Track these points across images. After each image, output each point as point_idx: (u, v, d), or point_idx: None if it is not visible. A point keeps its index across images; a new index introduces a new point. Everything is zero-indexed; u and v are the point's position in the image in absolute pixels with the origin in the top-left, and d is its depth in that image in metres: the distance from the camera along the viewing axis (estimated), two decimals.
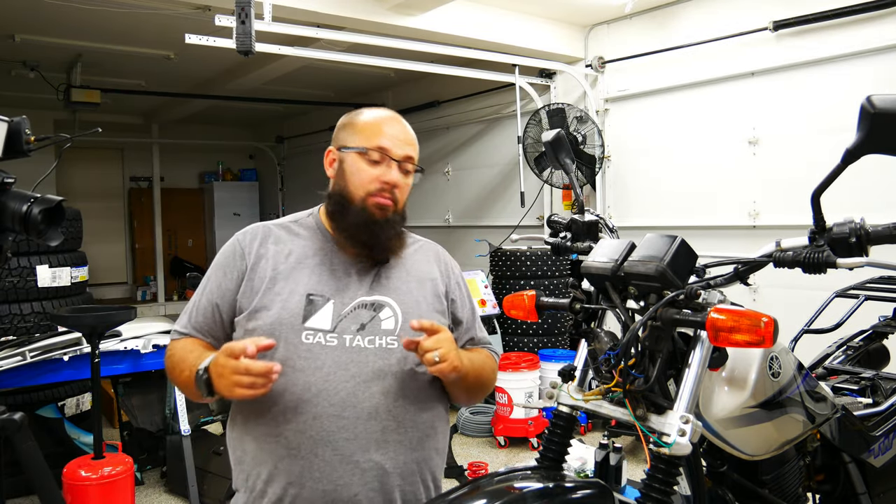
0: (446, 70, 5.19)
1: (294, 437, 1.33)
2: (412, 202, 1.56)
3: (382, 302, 1.43)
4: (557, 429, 1.41)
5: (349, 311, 1.40)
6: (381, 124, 1.47)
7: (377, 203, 1.42)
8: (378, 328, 1.40)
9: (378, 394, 1.35)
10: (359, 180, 1.43)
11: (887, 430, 1.83)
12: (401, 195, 1.46)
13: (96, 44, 5.64)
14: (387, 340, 1.39)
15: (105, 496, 2.86)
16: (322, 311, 1.38)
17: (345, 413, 1.33)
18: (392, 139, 1.45)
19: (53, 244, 1.60)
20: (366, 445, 1.33)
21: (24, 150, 1.59)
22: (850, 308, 2.56)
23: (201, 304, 1.47)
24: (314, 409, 1.32)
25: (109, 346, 3.28)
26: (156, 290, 9.89)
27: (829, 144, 3.96)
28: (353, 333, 1.38)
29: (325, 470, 1.32)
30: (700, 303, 1.21)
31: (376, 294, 1.44)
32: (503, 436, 4.34)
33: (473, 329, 1.59)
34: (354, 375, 1.35)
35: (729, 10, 4.55)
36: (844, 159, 1.12)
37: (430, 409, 1.46)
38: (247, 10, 3.38)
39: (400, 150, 1.45)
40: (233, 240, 1.51)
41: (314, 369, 1.34)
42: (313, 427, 1.32)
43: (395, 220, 1.45)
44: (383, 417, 1.35)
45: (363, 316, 1.40)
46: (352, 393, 1.34)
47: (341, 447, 1.32)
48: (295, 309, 1.38)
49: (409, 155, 1.47)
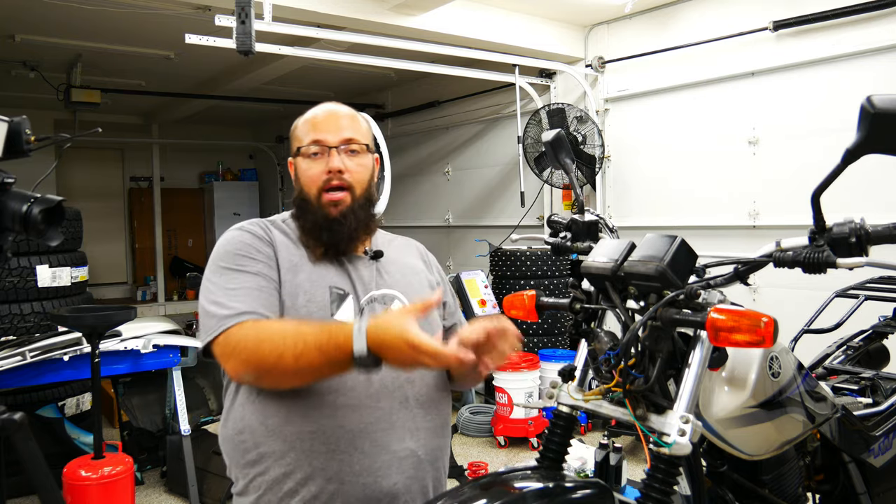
0: (446, 70, 5.19)
1: (333, 433, 1.30)
2: (412, 202, 1.57)
3: (392, 295, 1.45)
4: (557, 429, 1.41)
5: (364, 304, 1.41)
6: (312, 120, 1.47)
7: (330, 200, 1.41)
8: None
9: (405, 382, 1.38)
10: (308, 178, 1.43)
11: (887, 430, 1.83)
12: (355, 178, 1.43)
13: (96, 44, 5.64)
14: None
15: (105, 496, 2.86)
16: (345, 305, 1.39)
17: (380, 404, 1.34)
18: (324, 127, 1.44)
19: (53, 244, 1.60)
20: (401, 434, 1.35)
21: (24, 150, 1.59)
22: (850, 308, 2.56)
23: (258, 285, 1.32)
24: (353, 402, 1.32)
25: (109, 346, 3.28)
26: (156, 290, 9.89)
27: (830, 144, 3.96)
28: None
29: (364, 462, 1.31)
30: (700, 303, 1.21)
31: (384, 287, 1.46)
32: (503, 436, 4.34)
33: (456, 315, 1.64)
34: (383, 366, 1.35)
35: (729, 10, 4.55)
36: (844, 159, 1.12)
37: (446, 396, 1.49)
38: (247, 10, 3.38)
39: (334, 136, 1.43)
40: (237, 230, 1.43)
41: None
42: (352, 420, 1.31)
43: (355, 210, 1.42)
44: (413, 405, 1.38)
45: (377, 309, 1.42)
46: (383, 383, 1.35)
47: (379, 438, 1.32)
48: (322, 301, 1.36)
49: (346, 138, 1.44)
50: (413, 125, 7.33)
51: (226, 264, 1.37)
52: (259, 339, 1.23)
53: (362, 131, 1.48)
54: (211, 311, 1.31)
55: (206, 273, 1.40)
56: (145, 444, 3.89)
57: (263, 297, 1.32)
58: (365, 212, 1.45)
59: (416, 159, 7.43)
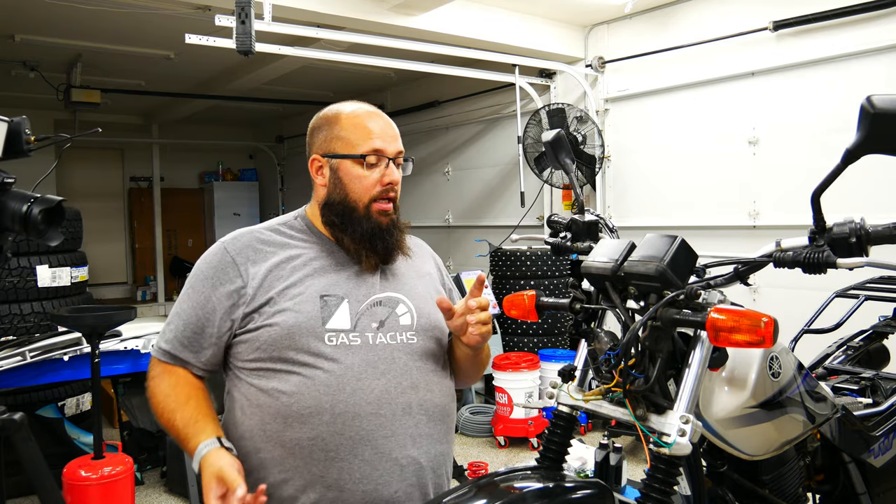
0: (446, 70, 5.19)
1: (332, 440, 1.30)
2: (412, 202, 1.58)
3: (396, 298, 1.44)
4: (557, 429, 1.41)
5: (365, 309, 1.39)
6: (366, 124, 1.43)
7: (381, 209, 1.42)
8: (397, 324, 1.41)
9: (408, 389, 1.36)
10: (361, 187, 1.41)
11: (887, 430, 1.83)
12: (399, 190, 1.49)
13: (96, 44, 5.64)
14: (407, 336, 1.41)
15: (105, 496, 2.86)
16: (339, 311, 1.36)
17: (381, 410, 1.32)
18: (383, 137, 1.43)
19: (53, 244, 1.60)
20: (403, 441, 1.34)
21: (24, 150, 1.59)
22: (850, 308, 2.56)
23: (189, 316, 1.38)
24: (352, 409, 1.30)
25: (109, 346, 3.28)
26: (156, 290, 9.89)
27: (829, 144, 3.96)
28: (374, 331, 1.38)
29: (365, 470, 1.30)
30: (700, 303, 1.21)
31: (388, 291, 1.44)
32: (503, 436, 4.34)
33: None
34: (384, 372, 1.35)
35: (729, 10, 4.55)
36: (844, 159, 1.12)
37: (450, 401, 1.48)
38: (247, 10, 3.38)
39: (392, 146, 1.44)
40: (218, 250, 1.41)
41: (345, 369, 1.32)
42: (352, 427, 1.30)
43: (396, 220, 1.47)
44: (416, 412, 1.36)
45: (379, 313, 1.40)
46: (385, 390, 1.34)
47: (380, 445, 1.31)
48: (311, 312, 1.33)
49: (400, 149, 1.47)
50: (413, 125, 7.32)
51: (190, 282, 1.42)
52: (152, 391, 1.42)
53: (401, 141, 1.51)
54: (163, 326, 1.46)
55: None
56: (145, 444, 3.89)
57: (188, 333, 1.38)
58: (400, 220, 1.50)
59: (416, 159, 7.37)
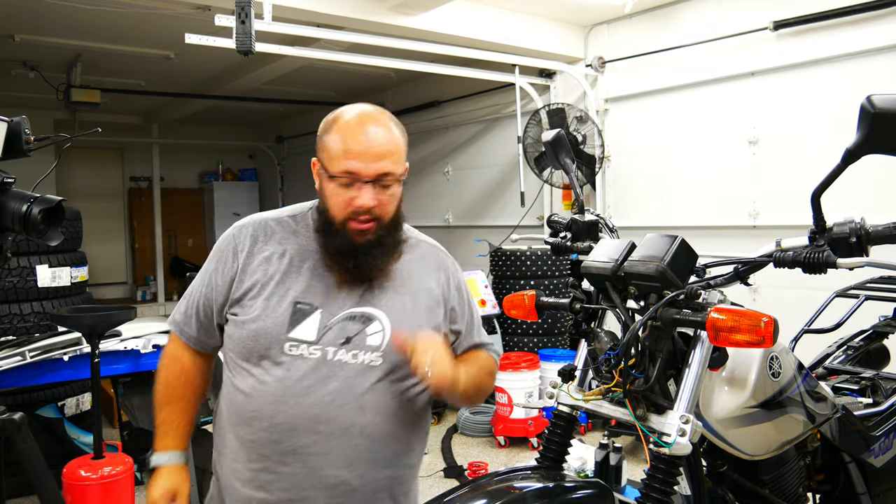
0: (446, 70, 5.19)
1: (267, 447, 1.32)
2: (412, 202, 1.55)
3: (372, 315, 1.36)
4: (557, 429, 1.41)
5: (336, 322, 1.34)
6: (346, 141, 1.30)
7: (356, 229, 1.32)
8: (363, 343, 1.34)
9: (354, 410, 1.31)
10: (335, 204, 1.33)
11: (887, 430, 1.83)
12: (383, 210, 1.34)
13: (96, 44, 5.64)
14: (371, 357, 1.34)
15: (105, 496, 2.86)
16: (308, 320, 1.33)
17: (319, 428, 1.30)
18: (360, 158, 1.28)
19: (53, 244, 1.60)
20: (336, 461, 1.31)
21: (24, 150, 1.59)
22: (850, 308, 2.56)
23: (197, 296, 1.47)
24: (290, 421, 1.30)
25: (109, 346, 3.28)
26: (156, 290, 9.89)
27: (829, 144, 3.96)
28: (338, 346, 1.33)
29: (292, 481, 1.31)
30: (700, 303, 1.21)
31: (367, 305, 1.37)
32: (503, 436, 4.34)
33: (472, 336, 1.53)
34: (332, 391, 1.31)
35: (729, 10, 4.55)
36: (844, 159, 1.12)
37: (409, 426, 1.40)
38: (247, 10, 3.38)
39: (370, 168, 1.29)
40: (229, 233, 1.46)
41: (295, 381, 1.31)
42: (287, 439, 1.31)
43: (381, 238, 1.35)
44: (356, 435, 1.32)
45: (350, 328, 1.34)
46: (327, 408, 1.30)
47: (311, 461, 1.30)
48: (281, 318, 1.33)
49: (382, 172, 1.30)
50: (413, 125, 7.32)
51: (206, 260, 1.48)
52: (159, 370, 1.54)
53: (399, 155, 1.34)
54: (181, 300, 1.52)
55: None
56: (145, 444, 3.88)
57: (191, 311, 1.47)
58: (392, 237, 1.38)
59: (416, 159, 7.42)
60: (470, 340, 1.53)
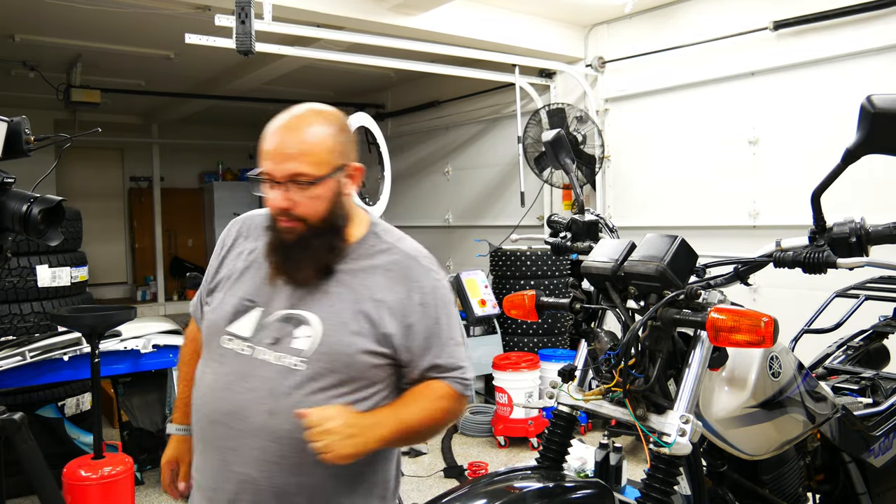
0: (446, 70, 5.19)
1: (197, 434, 1.41)
2: (412, 202, 1.53)
3: (303, 318, 1.33)
4: (557, 429, 1.41)
5: (272, 322, 1.34)
6: (264, 142, 1.32)
7: (282, 227, 1.33)
8: (289, 345, 1.32)
9: (265, 412, 1.30)
10: (267, 202, 1.35)
11: (887, 430, 1.83)
12: (306, 211, 1.31)
13: (96, 44, 5.64)
14: (294, 361, 1.31)
15: (105, 496, 2.86)
16: (246, 317, 1.36)
17: (233, 424, 1.31)
18: (272, 159, 1.29)
19: (53, 244, 1.61)
20: (245, 459, 1.30)
21: (24, 150, 1.59)
22: (850, 308, 2.56)
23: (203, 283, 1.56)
24: (212, 415, 1.35)
25: (109, 346, 3.28)
26: (156, 290, 9.89)
27: (829, 144, 3.96)
28: (266, 346, 1.33)
29: (208, 471, 1.36)
30: (700, 303, 1.21)
31: (301, 308, 1.34)
32: (503, 436, 4.34)
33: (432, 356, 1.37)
34: (251, 389, 1.31)
35: (729, 10, 4.55)
36: (844, 159, 1.12)
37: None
38: (247, 10, 3.38)
39: (279, 169, 1.28)
40: (226, 227, 1.58)
41: (223, 375, 1.35)
42: (208, 431, 1.36)
43: (306, 239, 1.32)
44: (264, 437, 1.29)
45: (281, 329, 1.33)
46: (244, 406, 1.31)
47: (224, 455, 1.32)
48: (225, 312, 1.39)
49: (292, 172, 1.28)
50: (413, 125, 7.32)
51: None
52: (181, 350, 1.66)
53: (315, 156, 1.29)
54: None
55: None
56: (145, 444, 3.89)
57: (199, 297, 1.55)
58: (323, 239, 1.34)
59: (416, 159, 7.43)
60: (427, 362, 1.37)
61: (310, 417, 1.21)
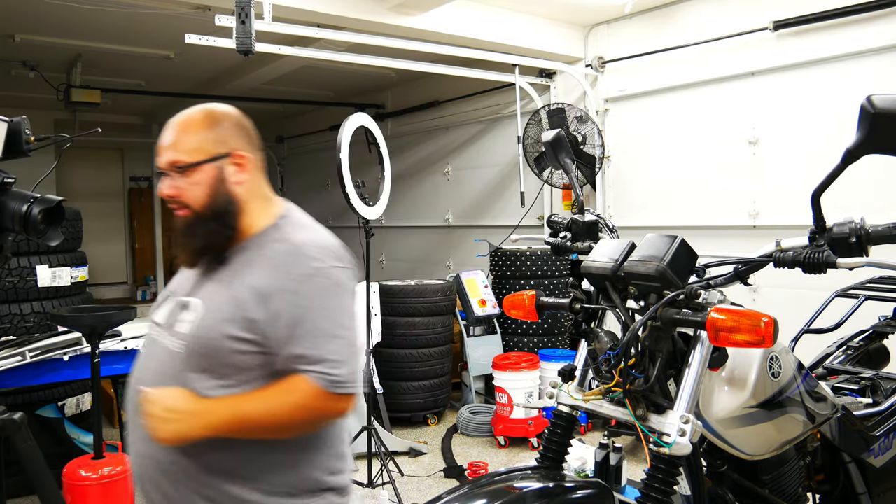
0: (446, 70, 5.19)
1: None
2: (412, 202, 1.53)
3: (191, 303, 1.40)
4: (557, 429, 1.41)
5: (175, 308, 1.44)
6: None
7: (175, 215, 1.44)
8: (175, 330, 1.39)
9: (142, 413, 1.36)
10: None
11: (887, 430, 1.83)
12: (189, 197, 1.38)
13: (96, 44, 5.64)
14: (178, 344, 1.36)
15: (105, 496, 2.86)
16: (165, 304, 1.47)
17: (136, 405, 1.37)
18: (159, 150, 1.42)
19: (53, 244, 1.61)
20: (142, 438, 1.36)
21: (24, 150, 1.60)
22: (850, 308, 2.56)
23: None
24: (129, 394, 1.43)
25: (109, 346, 3.28)
26: (156, 290, 9.90)
27: (829, 144, 3.96)
28: (165, 330, 1.42)
29: (131, 448, 1.43)
30: (700, 303, 1.21)
31: (193, 294, 1.41)
32: (503, 436, 4.34)
33: (295, 346, 1.30)
34: (152, 371, 1.40)
35: (729, 10, 4.55)
36: (844, 159, 1.12)
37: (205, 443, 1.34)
38: (247, 10, 3.38)
39: (160, 160, 1.41)
40: None
41: (142, 358, 1.46)
42: (128, 410, 1.45)
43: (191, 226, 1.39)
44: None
45: (174, 314, 1.42)
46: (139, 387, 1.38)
47: (134, 433, 1.40)
48: (157, 302, 1.50)
49: (169, 160, 1.38)
50: (413, 125, 7.32)
51: None
52: None
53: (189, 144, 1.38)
54: None
55: None
56: None
57: None
58: (207, 226, 1.38)
59: (416, 159, 7.43)
60: (290, 351, 1.30)
61: (145, 396, 1.30)
